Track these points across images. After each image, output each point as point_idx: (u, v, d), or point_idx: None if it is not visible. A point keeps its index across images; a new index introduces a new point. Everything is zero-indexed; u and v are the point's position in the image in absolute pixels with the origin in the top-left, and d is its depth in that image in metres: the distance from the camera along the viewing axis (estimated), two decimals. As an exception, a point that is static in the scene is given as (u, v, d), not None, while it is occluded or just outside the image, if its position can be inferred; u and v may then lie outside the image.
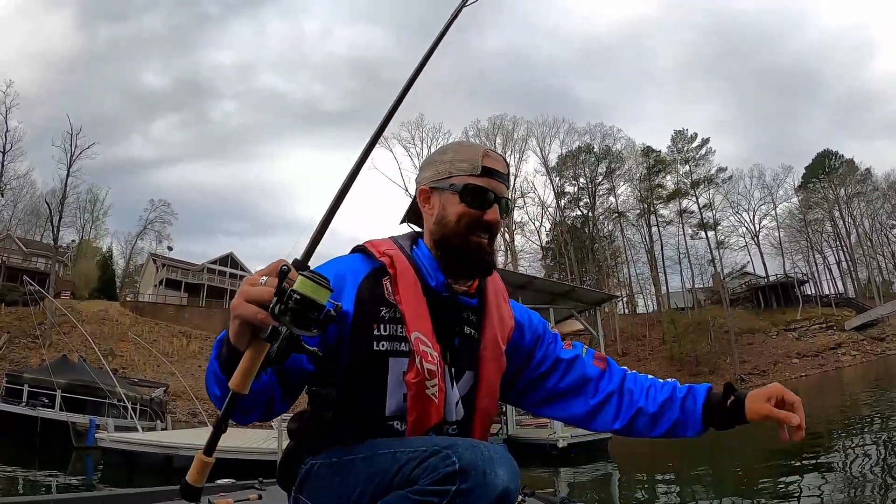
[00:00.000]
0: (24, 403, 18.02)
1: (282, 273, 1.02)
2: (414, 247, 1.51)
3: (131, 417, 17.50)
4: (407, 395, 1.34)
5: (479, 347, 1.47)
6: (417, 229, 1.60)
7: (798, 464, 9.84)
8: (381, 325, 1.36)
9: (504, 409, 19.31)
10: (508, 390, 1.60)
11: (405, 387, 1.34)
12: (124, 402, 18.20)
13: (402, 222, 1.62)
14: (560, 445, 14.86)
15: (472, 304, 1.50)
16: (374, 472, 1.20)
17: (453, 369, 1.43)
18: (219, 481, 3.41)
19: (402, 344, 1.36)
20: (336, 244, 1.74)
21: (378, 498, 1.17)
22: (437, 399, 1.34)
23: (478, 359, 1.46)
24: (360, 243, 1.51)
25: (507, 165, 1.52)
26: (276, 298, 1.00)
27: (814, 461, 9.98)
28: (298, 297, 0.99)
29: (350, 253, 1.51)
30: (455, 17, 1.48)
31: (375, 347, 1.35)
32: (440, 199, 1.46)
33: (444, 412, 1.38)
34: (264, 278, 1.05)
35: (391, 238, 1.53)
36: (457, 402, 1.42)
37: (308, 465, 1.35)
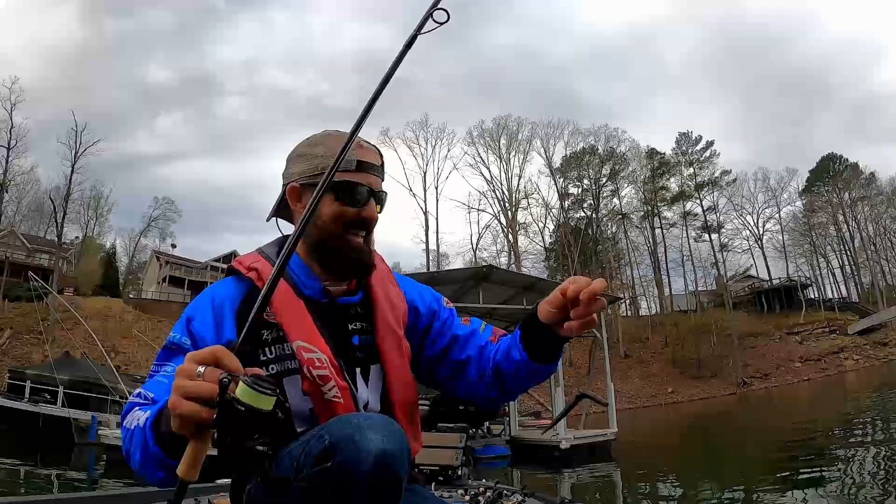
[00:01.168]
0: (26, 399, 18.05)
1: (223, 386, 0.90)
2: None
3: (134, 414, 17.51)
4: (312, 408, 1.31)
5: (375, 340, 1.42)
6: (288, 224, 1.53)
7: (799, 467, 9.86)
8: (267, 349, 1.32)
9: (507, 410, 19.31)
10: (418, 370, 1.54)
11: (308, 401, 1.30)
12: (127, 398, 18.19)
13: (269, 218, 1.53)
14: (563, 447, 14.82)
15: (354, 301, 1.45)
16: (280, 476, 1.17)
17: (357, 369, 1.39)
18: (219, 481, 3.39)
19: (292, 361, 1.31)
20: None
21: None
22: (340, 399, 1.31)
23: (378, 351, 1.42)
24: (231, 263, 1.43)
25: (381, 156, 1.47)
26: (217, 410, 0.90)
27: (815, 466, 9.98)
28: (242, 408, 0.88)
29: (225, 276, 1.45)
30: (409, 46, 1.32)
31: (269, 372, 1.28)
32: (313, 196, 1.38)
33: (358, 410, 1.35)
34: (201, 368, 0.94)
35: (257, 250, 1.47)
36: (367, 402, 1.39)
37: (248, 488, 1.31)
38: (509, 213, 65.86)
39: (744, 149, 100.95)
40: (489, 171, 66.88)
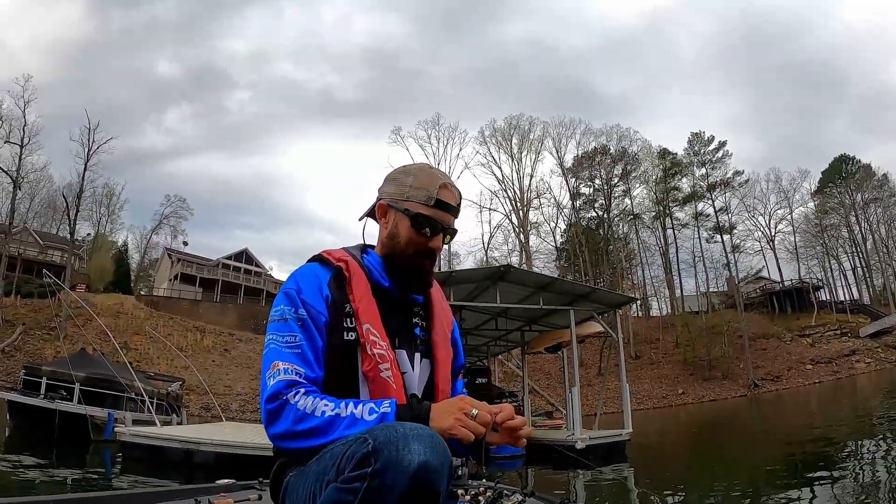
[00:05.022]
0: (42, 396, 18.11)
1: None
2: (364, 255, 1.66)
3: (149, 411, 17.54)
4: (370, 388, 1.47)
5: (431, 336, 1.66)
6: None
7: (810, 470, 9.84)
8: (348, 320, 1.51)
9: (521, 408, 19.30)
10: None
11: (366, 377, 1.47)
12: (142, 395, 18.24)
13: (360, 219, 1.75)
14: (578, 447, 14.76)
15: (419, 301, 1.70)
16: (320, 470, 1.25)
17: (416, 354, 1.61)
18: (219, 481, 3.38)
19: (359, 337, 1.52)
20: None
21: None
22: (392, 382, 1.47)
23: (431, 346, 1.65)
24: (317, 253, 1.66)
25: (460, 197, 1.67)
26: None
27: (825, 469, 9.95)
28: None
29: (308, 262, 1.64)
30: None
31: (346, 338, 1.49)
32: (395, 217, 1.62)
33: (407, 394, 1.51)
34: (475, 411, 1.32)
35: (343, 248, 1.68)
36: (415, 386, 1.58)
37: (287, 478, 1.43)
38: (520, 212, 65.75)
39: (756, 148, 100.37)
40: (501, 171, 66.83)
